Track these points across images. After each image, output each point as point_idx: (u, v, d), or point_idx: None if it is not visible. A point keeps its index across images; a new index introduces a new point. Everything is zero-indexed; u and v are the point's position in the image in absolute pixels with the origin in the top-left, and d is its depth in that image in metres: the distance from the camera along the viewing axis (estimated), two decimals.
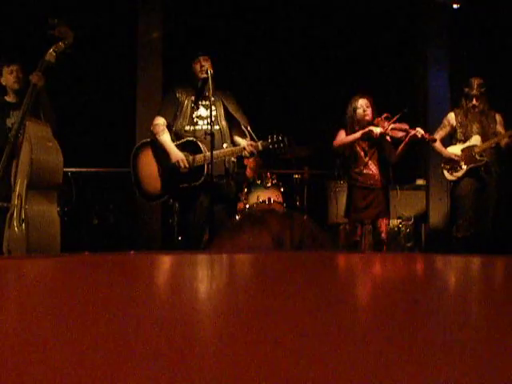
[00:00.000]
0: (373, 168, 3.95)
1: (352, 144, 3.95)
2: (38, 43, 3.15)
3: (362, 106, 3.92)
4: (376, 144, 3.93)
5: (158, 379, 0.27)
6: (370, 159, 3.95)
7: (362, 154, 3.97)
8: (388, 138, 3.93)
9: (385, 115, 3.89)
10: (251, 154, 3.49)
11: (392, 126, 3.84)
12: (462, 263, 0.83)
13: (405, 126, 3.83)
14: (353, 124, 3.96)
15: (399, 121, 3.84)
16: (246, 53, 5.79)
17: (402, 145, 3.85)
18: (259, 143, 3.45)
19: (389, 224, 4.19)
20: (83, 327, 0.37)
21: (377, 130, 3.83)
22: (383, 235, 3.93)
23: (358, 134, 3.88)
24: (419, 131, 3.77)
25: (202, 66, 3.55)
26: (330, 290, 0.54)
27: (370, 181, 3.93)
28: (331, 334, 0.35)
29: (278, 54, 5.94)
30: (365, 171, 3.95)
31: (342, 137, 3.98)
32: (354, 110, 3.94)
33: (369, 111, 3.92)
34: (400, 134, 3.85)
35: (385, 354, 0.31)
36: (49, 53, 3.15)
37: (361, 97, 3.96)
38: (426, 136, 3.80)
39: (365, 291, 0.56)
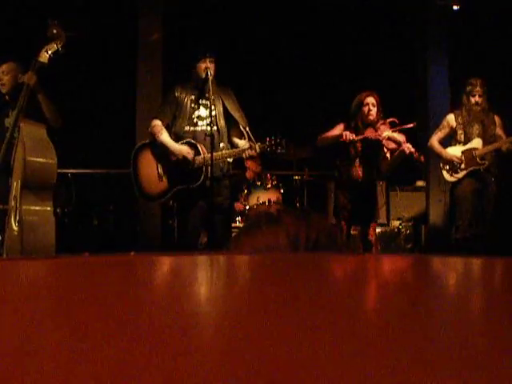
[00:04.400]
0: (359, 169, 3.82)
1: (336, 142, 3.80)
2: (31, 43, 3.14)
3: (369, 104, 3.79)
4: (370, 147, 3.80)
5: (159, 383, 0.27)
6: (359, 160, 3.83)
7: (353, 152, 3.83)
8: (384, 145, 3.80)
9: (390, 120, 3.74)
10: (251, 156, 3.46)
11: (389, 134, 3.69)
12: (461, 264, 0.83)
13: (400, 139, 3.67)
14: (354, 121, 3.82)
15: (402, 131, 3.72)
16: (246, 52, 5.79)
17: (391, 158, 3.72)
18: (257, 146, 3.39)
19: (376, 226, 4.12)
20: (82, 329, 0.37)
21: (349, 137, 3.68)
22: (370, 237, 3.86)
23: (335, 137, 3.76)
24: (409, 148, 3.61)
25: (206, 68, 3.53)
26: (328, 292, 0.54)
27: (356, 182, 3.82)
28: (330, 336, 0.35)
29: (278, 54, 5.94)
30: (351, 171, 3.83)
31: (334, 131, 3.86)
32: (360, 106, 3.81)
33: (374, 111, 3.78)
34: (392, 146, 3.69)
35: (384, 356, 0.31)
36: (41, 54, 3.12)
37: (369, 94, 3.82)
38: (415, 155, 3.63)
39: (364, 293, 0.56)
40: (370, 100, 3.81)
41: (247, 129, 3.55)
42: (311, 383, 0.27)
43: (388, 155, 3.77)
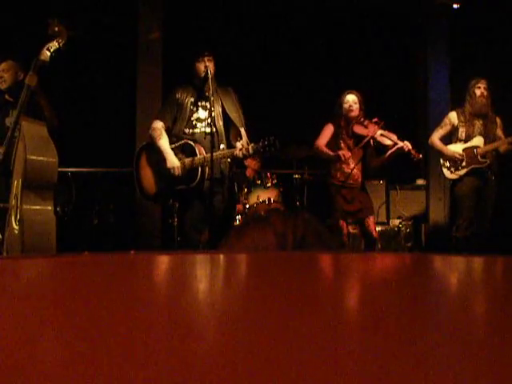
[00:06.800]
0: (355, 168, 3.87)
1: (337, 141, 3.87)
2: (32, 41, 3.13)
3: (349, 101, 3.84)
4: (362, 144, 3.84)
5: (158, 381, 0.27)
6: (352, 158, 3.86)
7: (346, 151, 3.87)
8: (372, 142, 3.84)
9: (375, 119, 3.79)
10: (243, 156, 3.44)
11: (382, 131, 3.77)
12: (461, 263, 0.83)
13: (394, 136, 3.74)
14: (340, 119, 3.88)
15: (387, 128, 3.78)
16: (246, 52, 5.78)
17: (387, 154, 3.74)
18: (250, 146, 3.36)
19: (376, 222, 4.14)
20: (82, 328, 0.37)
21: (347, 156, 3.76)
22: (374, 233, 3.87)
23: (331, 156, 3.81)
24: (407, 145, 3.66)
25: (205, 67, 3.51)
26: (326, 291, 0.55)
27: (351, 179, 3.86)
28: (328, 335, 0.35)
29: (279, 54, 5.94)
30: (346, 169, 3.87)
31: (326, 135, 3.89)
32: (340, 105, 3.87)
33: (355, 107, 3.82)
34: (387, 142, 3.75)
35: (383, 355, 0.31)
36: (43, 52, 3.10)
37: (349, 92, 3.88)
38: (413, 152, 3.66)
39: (363, 291, 0.56)
40: (351, 97, 3.86)
41: (242, 130, 3.54)
42: (305, 381, 0.27)
43: (388, 153, 3.79)
